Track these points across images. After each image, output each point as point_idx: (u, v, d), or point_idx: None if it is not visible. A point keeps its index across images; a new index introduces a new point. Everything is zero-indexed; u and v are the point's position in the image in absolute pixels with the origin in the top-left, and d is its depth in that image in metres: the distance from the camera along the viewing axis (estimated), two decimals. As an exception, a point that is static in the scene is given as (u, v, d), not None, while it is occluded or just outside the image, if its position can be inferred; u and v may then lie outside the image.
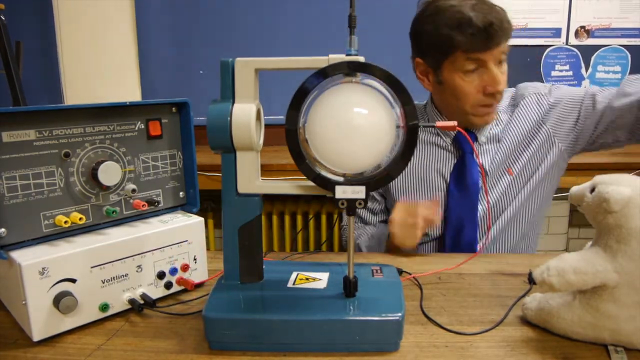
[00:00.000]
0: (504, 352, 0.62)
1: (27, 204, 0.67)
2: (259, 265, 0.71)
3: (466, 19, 1.01)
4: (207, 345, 0.64)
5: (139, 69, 2.26)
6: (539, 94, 1.16)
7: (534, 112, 1.15)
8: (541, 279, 0.61)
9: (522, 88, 1.20)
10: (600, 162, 1.82)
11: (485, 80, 1.06)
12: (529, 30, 2.18)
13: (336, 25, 1.34)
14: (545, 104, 1.14)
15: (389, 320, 0.62)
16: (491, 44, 1.02)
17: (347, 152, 0.59)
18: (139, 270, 0.73)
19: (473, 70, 1.06)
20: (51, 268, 0.64)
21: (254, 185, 0.66)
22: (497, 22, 1.01)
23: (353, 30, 0.61)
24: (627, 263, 0.57)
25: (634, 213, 0.57)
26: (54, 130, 0.68)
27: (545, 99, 1.15)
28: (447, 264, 0.89)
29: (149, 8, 2.19)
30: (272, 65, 0.64)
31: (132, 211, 0.78)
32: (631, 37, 2.18)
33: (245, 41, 2.20)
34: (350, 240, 0.66)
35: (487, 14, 1.01)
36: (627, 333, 0.59)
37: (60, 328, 0.67)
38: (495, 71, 1.05)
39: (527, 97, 1.16)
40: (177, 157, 0.83)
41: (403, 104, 0.59)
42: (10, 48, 1.70)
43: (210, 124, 0.63)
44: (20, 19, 2.16)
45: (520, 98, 1.17)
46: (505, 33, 1.03)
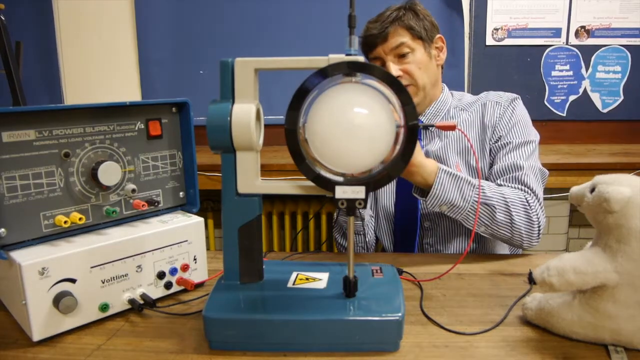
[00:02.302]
0: (504, 352, 0.62)
1: (27, 204, 0.67)
2: (259, 265, 0.71)
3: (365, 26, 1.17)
4: (207, 345, 0.64)
5: (139, 69, 2.26)
6: (499, 103, 1.16)
7: (487, 117, 1.15)
8: (541, 279, 0.61)
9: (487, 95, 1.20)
10: (600, 162, 1.82)
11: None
12: (529, 30, 2.18)
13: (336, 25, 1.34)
14: (497, 115, 1.14)
15: (389, 320, 0.62)
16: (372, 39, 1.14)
17: (347, 152, 0.59)
18: (139, 270, 0.73)
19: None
20: (51, 268, 0.64)
21: (254, 185, 0.66)
22: (377, 24, 1.13)
23: (353, 30, 0.61)
24: (627, 263, 0.57)
25: (634, 213, 0.57)
26: (54, 130, 0.68)
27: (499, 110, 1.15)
28: (447, 264, 0.89)
29: (149, 8, 2.19)
30: (272, 65, 0.64)
31: (132, 211, 0.78)
32: (631, 37, 2.18)
33: (245, 41, 2.20)
34: (350, 240, 0.66)
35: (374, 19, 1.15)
36: (627, 333, 0.59)
37: (60, 328, 0.66)
38: (389, 64, 1.13)
39: (487, 103, 1.17)
40: (177, 157, 0.83)
41: (403, 104, 0.59)
42: (10, 48, 1.70)
43: (210, 124, 0.63)
44: (20, 19, 2.16)
45: (481, 101, 1.18)
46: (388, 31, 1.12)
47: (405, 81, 1.14)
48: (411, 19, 1.14)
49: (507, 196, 0.98)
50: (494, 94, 1.19)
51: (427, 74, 1.16)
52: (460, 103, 1.22)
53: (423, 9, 1.18)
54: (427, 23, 1.16)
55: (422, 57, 1.15)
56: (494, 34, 2.19)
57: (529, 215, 0.98)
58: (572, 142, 2.24)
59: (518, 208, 0.98)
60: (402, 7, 1.16)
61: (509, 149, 1.10)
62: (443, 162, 1.15)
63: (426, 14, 1.17)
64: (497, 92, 1.21)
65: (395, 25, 1.13)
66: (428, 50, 1.16)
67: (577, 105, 2.23)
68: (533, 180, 1.04)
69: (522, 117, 1.15)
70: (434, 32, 1.18)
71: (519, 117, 1.14)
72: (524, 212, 0.98)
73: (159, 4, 2.19)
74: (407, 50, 1.13)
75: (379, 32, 1.12)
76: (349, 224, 0.65)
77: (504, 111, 1.14)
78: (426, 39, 1.15)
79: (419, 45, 1.15)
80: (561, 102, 2.23)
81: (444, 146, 1.16)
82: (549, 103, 2.22)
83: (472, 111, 1.18)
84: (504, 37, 2.19)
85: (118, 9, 2.21)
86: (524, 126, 1.14)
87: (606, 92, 2.22)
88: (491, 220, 0.96)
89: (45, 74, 2.24)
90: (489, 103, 1.16)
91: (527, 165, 1.06)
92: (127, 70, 2.26)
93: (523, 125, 1.13)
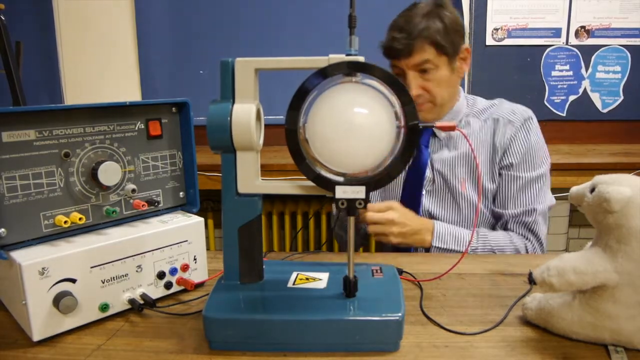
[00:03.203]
0: (504, 352, 0.62)
1: (27, 204, 0.67)
2: (259, 265, 0.71)
3: (389, 27, 1.12)
4: (207, 345, 0.64)
5: (139, 69, 2.26)
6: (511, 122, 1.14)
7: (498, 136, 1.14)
8: (541, 279, 0.61)
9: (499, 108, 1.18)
10: (600, 162, 1.83)
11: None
12: (529, 30, 2.18)
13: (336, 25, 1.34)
14: (509, 136, 1.13)
15: (389, 320, 0.62)
16: (396, 53, 1.09)
17: (347, 152, 0.59)
18: (139, 270, 0.73)
19: (398, 74, 1.12)
20: (51, 268, 0.64)
21: (254, 185, 0.66)
22: (403, 34, 1.07)
23: (353, 30, 0.61)
24: (628, 263, 0.57)
25: (634, 213, 0.57)
26: (54, 130, 0.68)
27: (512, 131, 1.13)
28: (447, 264, 0.89)
29: (149, 8, 2.19)
30: (272, 65, 0.64)
31: (132, 211, 0.78)
32: (631, 37, 2.18)
33: (245, 41, 2.20)
34: (350, 240, 0.66)
35: (401, 26, 1.08)
36: (627, 333, 0.59)
37: (60, 328, 0.66)
38: (410, 79, 1.10)
39: (500, 120, 1.15)
40: (177, 157, 0.83)
41: (403, 104, 0.59)
42: (10, 48, 1.70)
43: (210, 124, 0.63)
44: (20, 19, 2.16)
45: (492, 117, 1.16)
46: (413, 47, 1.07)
47: (423, 99, 1.12)
48: (439, 32, 1.08)
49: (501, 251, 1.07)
50: (508, 109, 1.16)
51: (447, 90, 1.13)
52: (473, 109, 1.19)
53: (451, 14, 1.11)
54: (454, 35, 1.10)
55: (444, 73, 1.11)
56: (494, 34, 2.19)
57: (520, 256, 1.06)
58: (572, 142, 2.25)
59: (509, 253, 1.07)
60: (431, 12, 1.09)
61: (520, 184, 1.11)
62: (450, 174, 1.15)
63: (454, 22, 1.11)
64: (512, 105, 1.18)
65: (422, 41, 1.07)
66: (452, 65, 1.12)
67: (577, 105, 2.23)
68: (541, 226, 1.11)
69: (535, 142, 1.13)
70: (460, 44, 1.13)
71: (532, 143, 1.12)
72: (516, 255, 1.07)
73: (159, 4, 2.19)
74: (431, 67, 1.09)
75: (403, 47, 1.07)
76: (349, 224, 0.65)
77: (516, 133, 1.12)
78: (451, 53, 1.11)
79: (443, 61, 1.10)
80: (561, 102, 2.23)
81: (453, 158, 1.15)
82: (548, 103, 2.22)
83: (483, 121, 1.16)
84: (504, 37, 2.19)
85: (118, 9, 2.21)
86: (537, 155, 1.12)
87: (606, 92, 2.22)
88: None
89: (45, 74, 2.24)
90: (502, 120, 1.14)
91: (538, 210, 1.10)
92: (127, 70, 2.26)
93: (536, 153, 1.12)
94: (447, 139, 1.17)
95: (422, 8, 1.10)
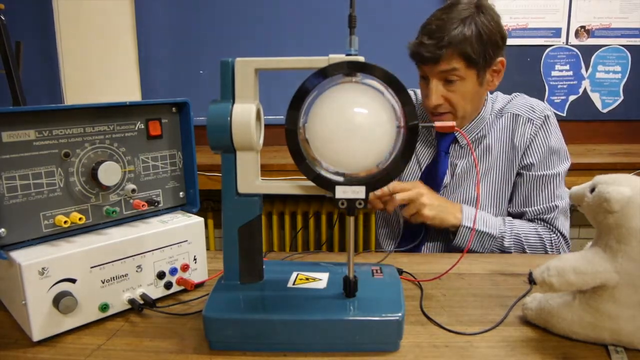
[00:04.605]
0: (504, 352, 0.62)
1: (27, 204, 0.67)
2: (259, 265, 0.71)
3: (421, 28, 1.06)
4: (207, 345, 0.64)
5: (139, 69, 2.26)
6: (531, 120, 1.11)
7: (518, 135, 1.11)
8: (541, 279, 0.61)
9: (517, 103, 1.15)
10: (600, 162, 1.83)
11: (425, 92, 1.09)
12: (529, 30, 2.18)
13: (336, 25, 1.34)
14: (529, 136, 1.11)
15: (389, 320, 0.62)
16: (422, 59, 1.04)
17: (347, 152, 0.59)
18: (139, 270, 0.73)
19: (423, 77, 1.08)
20: (51, 268, 0.64)
21: (254, 185, 0.66)
22: (432, 41, 1.00)
23: (353, 30, 0.61)
24: (628, 263, 0.57)
25: (634, 213, 0.57)
26: (53, 130, 0.68)
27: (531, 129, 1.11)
28: (447, 264, 0.89)
29: (149, 8, 2.19)
30: (272, 65, 0.64)
31: (132, 211, 0.78)
32: (631, 37, 2.18)
33: (245, 41, 2.20)
34: (350, 240, 0.65)
35: (432, 31, 1.02)
36: (627, 333, 0.59)
37: (60, 328, 0.66)
38: (432, 87, 1.05)
39: (519, 118, 1.12)
40: (177, 157, 0.83)
41: (403, 104, 0.59)
42: (10, 48, 1.70)
43: (210, 124, 0.63)
44: (20, 19, 2.16)
45: (510, 112, 1.14)
46: (440, 55, 1.00)
47: (444, 109, 1.07)
48: (471, 43, 1.00)
49: (526, 244, 1.05)
50: (526, 105, 1.13)
51: (471, 104, 1.08)
52: (494, 109, 1.15)
53: (491, 21, 1.03)
54: (490, 46, 1.02)
55: (471, 86, 1.05)
56: (494, 34, 2.18)
57: (545, 251, 1.06)
58: (572, 142, 2.23)
59: (535, 251, 1.06)
60: (468, 18, 1.01)
61: (541, 182, 1.10)
62: (466, 178, 1.14)
63: (492, 31, 1.02)
64: (529, 101, 1.15)
65: (451, 50, 1.00)
66: (481, 78, 1.06)
67: (577, 105, 2.23)
68: (564, 222, 1.10)
69: (556, 143, 1.11)
70: (495, 56, 1.05)
71: (552, 144, 1.10)
72: (542, 250, 1.06)
73: (159, 3, 2.19)
74: (456, 78, 1.03)
75: (430, 55, 1.01)
76: (349, 224, 0.65)
77: (537, 132, 1.10)
78: (482, 66, 1.03)
79: (471, 73, 1.04)
80: (561, 102, 2.23)
81: (469, 162, 1.14)
82: (549, 103, 2.22)
83: (504, 119, 1.13)
84: (504, 37, 2.18)
85: (118, 9, 2.21)
86: (559, 154, 1.11)
87: (606, 92, 2.22)
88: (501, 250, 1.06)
89: (45, 74, 2.24)
90: (522, 119, 1.11)
91: (559, 207, 1.08)
92: (127, 70, 2.26)
93: (557, 153, 1.11)
94: (467, 147, 1.15)
95: (460, 11, 1.02)
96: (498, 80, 1.11)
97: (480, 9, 1.03)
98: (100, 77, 2.27)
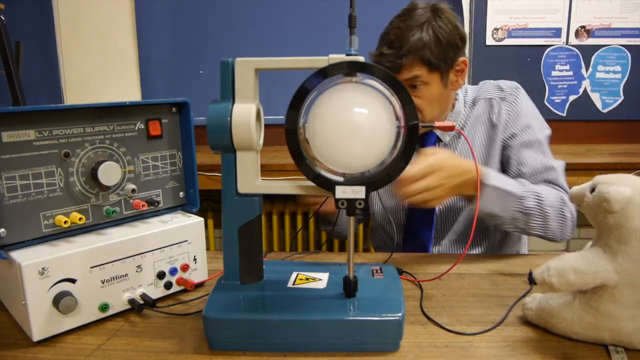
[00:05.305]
0: (504, 352, 0.62)
1: (27, 204, 0.67)
2: (259, 265, 0.71)
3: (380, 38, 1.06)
4: (207, 345, 0.64)
5: (139, 69, 2.26)
6: (504, 98, 1.12)
7: (495, 114, 1.11)
8: (541, 279, 0.61)
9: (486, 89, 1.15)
10: (600, 162, 1.82)
11: None
12: (529, 30, 2.18)
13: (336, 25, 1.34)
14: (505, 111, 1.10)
15: (389, 320, 0.62)
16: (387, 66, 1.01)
17: (347, 152, 0.59)
18: (139, 270, 0.73)
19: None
20: (51, 268, 0.64)
21: (254, 185, 0.66)
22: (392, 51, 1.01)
23: (353, 30, 0.61)
24: (628, 263, 0.57)
25: (634, 213, 0.57)
26: (54, 130, 0.68)
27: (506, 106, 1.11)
28: (447, 263, 0.89)
29: (149, 8, 2.19)
30: (272, 65, 0.64)
31: (132, 211, 0.78)
32: (631, 37, 2.18)
33: (245, 41, 2.20)
34: (350, 240, 0.66)
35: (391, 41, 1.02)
36: (627, 333, 0.59)
37: (60, 328, 0.66)
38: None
39: (492, 100, 1.12)
40: (177, 157, 0.83)
41: (403, 104, 0.59)
42: (10, 48, 1.70)
43: (210, 124, 0.63)
44: (20, 19, 2.16)
45: (482, 98, 1.14)
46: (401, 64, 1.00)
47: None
48: (431, 49, 1.00)
49: (546, 202, 0.95)
50: (495, 87, 1.14)
51: (438, 107, 1.09)
52: (467, 101, 1.16)
53: (448, 24, 1.03)
54: (449, 49, 1.03)
55: (436, 90, 1.05)
56: (494, 34, 2.19)
57: (563, 215, 0.96)
58: (572, 142, 2.24)
59: (555, 212, 0.95)
60: (425, 23, 1.01)
61: (532, 147, 1.07)
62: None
63: (451, 34, 1.03)
64: (497, 82, 1.15)
65: (412, 58, 1.00)
66: (445, 80, 1.06)
67: (577, 105, 2.23)
68: (563, 179, 1.04)
69: (531, 109, 1.12)
70: (456, 57, 1.06)
71: (528, 110, 1.11)
72: (559, 213, 0.96)
73: (159, 4, 2.19)
74: (420, 83, 1.03)
75: (391, 64, 1.01)
76: (349, 223, 0.65)
77: (511, 106, 1.10)
78: (444, 68, 1.04)
79: (435, 77, 1.04)
80: (561, 102, 2.23)
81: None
82: (549, 103, 2.22)
83: (478, 106, 1.14)
84: (504, 37, 2.19)
85: (118, 9, 2.21)
86: (537, 119, 1.11)
87: (606, 92, 2.22)
88: (526, 225, 0.94)
89: (45, 74, 2.24)
90: (494, 100, 1.12)
91: (557, 166, 1.05)
92: (127, 70, 2.26)
93: (536, 118, 1.11)
94: (451, 142, 1.15)
95: (417, 18, 1.02)
96: (463, 80, 1.12)
97: (437, 12, 1.04)
98: (100, 77, 2.27)
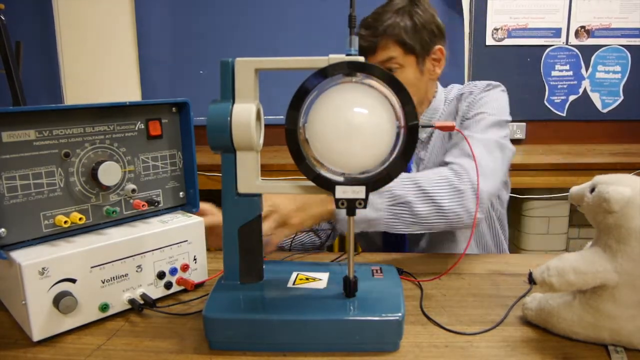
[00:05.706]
0: (504, 352, 0.62)
1: (27, 204, 0.67)
2: (259, 265, 0.71)
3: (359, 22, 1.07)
4: (207, 345, 0.64)
5: (139, 69, 2.26)
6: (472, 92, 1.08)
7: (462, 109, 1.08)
8: (541, 279, 0.61)
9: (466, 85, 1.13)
10: (600, 162, 1.83)
11: None
12: (529, 30, 2.18)
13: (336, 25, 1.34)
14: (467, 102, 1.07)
15: (389, 320, 0.62)
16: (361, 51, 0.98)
17: (347, 152, 0.59)
18: (139, 270, 0.73)
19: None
20: (51, 268, 0.64)
21: (254, 185, 0.66)
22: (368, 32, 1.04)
23: (353, 30, 0.61)
24: (627, 263, 0.57)
25: (634, 213, 0.57)
26: (54, 130, 0.68)
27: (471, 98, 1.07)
28: (447, 263, 0.89)
29: (149, 8, 2.19)
30: (272, 65, 0.64)
31: (132, 211, 0.78)
32: (631, 37, 2.18)
33: (245, 41, 2.20)
34: (350, 241, 0.66)
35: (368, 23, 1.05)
36: (627, 333, 0.59)
37: (60, 328, 0.66)
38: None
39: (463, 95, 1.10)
40: (177, 157, 0.83)
41: (403, 104, 0.59)
42: (10, 48, 1.70)
43: (210, 124, 0.63)
44: (20, 19, 2.16)
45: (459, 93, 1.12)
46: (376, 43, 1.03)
47: None
48: (406, 31, 1.04)
49: (423, 182, 0.86)
50: (471, 84, 1.12)
51: (415, 93, 1.07)
52: (448, 100, 1.15)
53: (425, 12, 1.07)
54: (425, 33, 1.06)
55: (411, 74, 1.06)
56: (494, 34, 2.19)
57: (457, 189, 0.86)
58: (572, 142, 2.25)
59: (440, 187, 0.86)
60: (402, 9, 1.06)
61: (465, 125, 1.04)
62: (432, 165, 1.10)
63: (427, 20, 1.07)
64: (478, 82, 1.12)
65: (387, 38, 1.03)
66: (421, 66, 1.07)
67: (577, 105, 2.23)
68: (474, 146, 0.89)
69: (493, 100, 1.05)
70: (432, 44, 1.08)
71: (489, 100, 1.05)
72: (448, 187, 0.86)
73: (159, 3, 2.19)
74: (396, 66, 1.05)
75: (368, 44, 1.04)
76: (349, 223, 0.65)
77: (474, 97, 1.07)
78: (420, 53, 1.06)
79: (410, 61, 1.06)
80: (561, 102, 2.23)
81: (430, 151, 1.11)
82: (549, 103, 2.22)
83: (452, 104, 1.13)
84: (504, 37, 2.19)
85: (118, 9, 2.21)
86: (486, 103, 1.04)
87: (606, 92, 2.23)
88: (414, 215, 0.85)
89: (45, 74, 2.24)
90: (464, 95, 1.10)
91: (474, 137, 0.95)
92: (127, 70, 2.26)
93: (494, 107, 1.04)
94: (426, 138, 1.13)
95: (395, 4, 1.07)
96: (440, 69, 1.12)
97: (415, 1, 1.07)
98: (100, 77, 2.27)
